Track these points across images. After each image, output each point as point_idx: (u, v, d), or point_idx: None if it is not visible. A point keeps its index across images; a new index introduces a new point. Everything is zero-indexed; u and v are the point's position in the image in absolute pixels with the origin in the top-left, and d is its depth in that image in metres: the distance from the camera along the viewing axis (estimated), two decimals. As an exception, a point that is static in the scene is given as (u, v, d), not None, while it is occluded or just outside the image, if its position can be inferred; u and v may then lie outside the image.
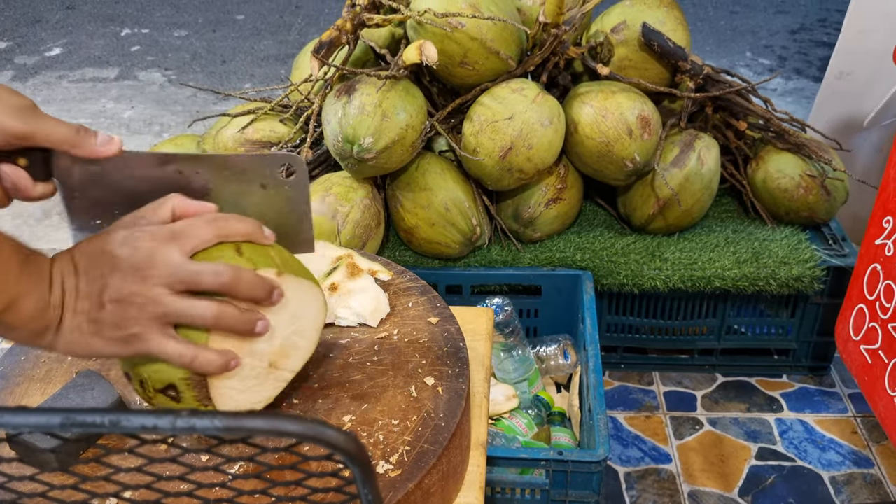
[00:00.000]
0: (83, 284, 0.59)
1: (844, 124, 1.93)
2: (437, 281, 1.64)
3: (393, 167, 1.53)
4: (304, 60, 1.74)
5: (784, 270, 1.61)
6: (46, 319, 0.58)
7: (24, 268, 0.57)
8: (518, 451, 1.26)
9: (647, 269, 1.63)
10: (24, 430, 0.34)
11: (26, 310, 0.57)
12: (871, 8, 1.78)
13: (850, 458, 1.59)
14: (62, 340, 0.60)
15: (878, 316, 1.37)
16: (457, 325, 0.84)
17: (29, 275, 0.57)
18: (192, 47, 3.66)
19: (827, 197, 1.67)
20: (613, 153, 1.56)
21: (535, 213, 1.65)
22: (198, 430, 0.33)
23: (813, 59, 3.38)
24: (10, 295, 0.55)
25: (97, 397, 0.71)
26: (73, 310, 0.59)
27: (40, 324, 0.58)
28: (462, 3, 1.47)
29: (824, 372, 1.81)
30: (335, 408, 0.72)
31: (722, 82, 1.67)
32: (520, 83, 1.56)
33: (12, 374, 0.78)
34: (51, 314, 0.58)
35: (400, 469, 0.65)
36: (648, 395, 1.76)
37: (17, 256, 0.56)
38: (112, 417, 0.33)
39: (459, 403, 0.73)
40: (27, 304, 0.57)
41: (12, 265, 0.56)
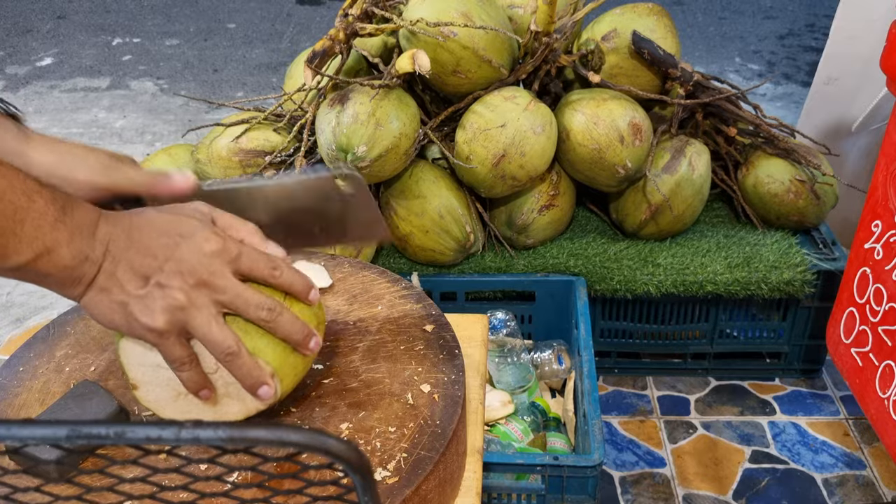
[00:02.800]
0: (133, 254, 0.60)
1: (833, 129, 1.95)
2: (431, 288, 1.65)
3: (387, 175, 1.54)
4: (297, 70, 1.75)
5: (775, 274, 1.63)
6: (80, 272, 0.59)
7: (62, 217, 0.57)
8: (514, 457, 1.26)
9: (639, 274, 1.65)
10: (30, 442, 0.34)
11: (61, 259, 0.58)
12: (859, 14, 1.80)
13: (842, 460, 1.60)
14: (88, 296, 0.61)
15: (868, 319, 1.39)
16: (452, 332, 0.84)
17: (67, 225, 0.58)
18: (184, 56, 3.67)
19: (816, 201, 1.69)
20: (605, 160, 1.57)
21: (529, 220, 1.66)
22: (202, 440, 0.34)
23: (801, 64, 3.41)
24: (44, 243, 0.56)
25: (96, 407, 0.71)
26: (110, 273, 0.60)
27: (73, 274, 0.59)
28: (454, 13, 1.48)
29: (816, 375, 1.82)
30: (332, 416, 0.73)
31: (712, 89, 1.69)
32: (512, 91, 1.57)
33: (11, 385, 0.78)
34: (86, 268, 0.59)
35: (397, 476, 0.66)
36: (642, 399, 1.77)
37: (53, 206, 0.57)
38: (117, 429, 0.34)
39: (456, 410, 0.73)
40: (63, 253, 0.58)
41: (48, 215, 0.57)
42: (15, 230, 0.55)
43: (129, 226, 0.61)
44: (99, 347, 0.83)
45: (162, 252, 0.60)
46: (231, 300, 0.62)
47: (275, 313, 0.64)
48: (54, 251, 0.57)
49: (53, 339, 0.84)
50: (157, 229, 0.62)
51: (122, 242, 0.60)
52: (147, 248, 0.60)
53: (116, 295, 0.60)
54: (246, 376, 0.64)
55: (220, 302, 0.62)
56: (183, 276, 0.60)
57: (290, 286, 0.66)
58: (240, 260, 0.63)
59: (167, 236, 0.61)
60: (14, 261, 0.56)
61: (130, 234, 0.61)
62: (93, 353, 0.82)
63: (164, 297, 0.60)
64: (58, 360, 0.81)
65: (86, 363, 0.80)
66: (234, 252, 0.63)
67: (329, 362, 0.79)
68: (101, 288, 0.60)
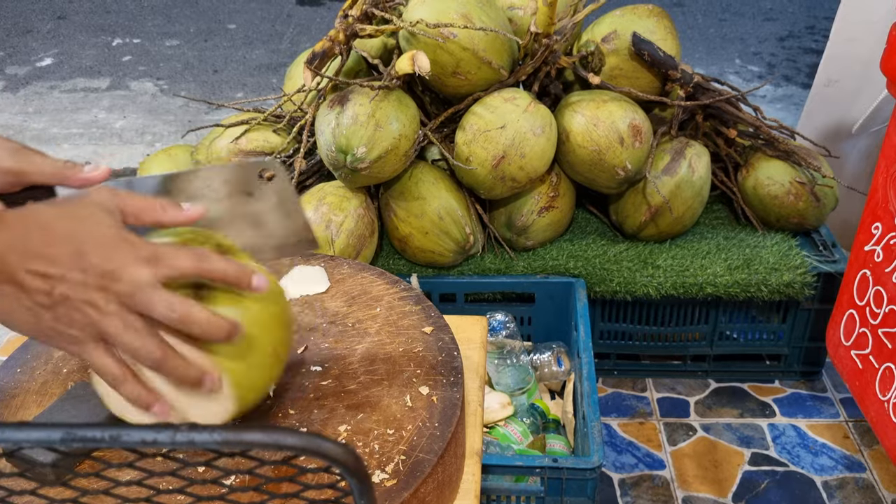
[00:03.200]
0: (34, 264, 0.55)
1: (833, 131, 1.95)
2: (430, 289, 1.65)
3: (386, 177, 1.54)
4: (296, 71, 1.75)
5: (775, 277, 1.63)
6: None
7: None
8: (513, 459, 1.26)
9: (639, 276, 1.64)
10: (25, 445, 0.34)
11: None
12: (859, 16, 1.80)
13: (842, 462, 1.60)
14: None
15: (868, 321, 1.38)
16: (451, 334, 0.84)
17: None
18: (184, 57, 3.67)
19: (816, 203, 1.69)
20: (605, 161, 1.57)
21: (528, 222, 1.65)
22: (197, 444, 0.34)
23: (801, 66, 3.41)
24: None
25: (93, 409, 0.71)
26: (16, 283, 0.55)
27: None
28: (454, 14, 1.48)
29: (816, 377, 1.82)
30: (331, 418, 0.72)
31: (712, 90, 1.69)
32: (512, 92, 1.57)
33: (8, 387, 0.78)
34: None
35: (395, 478, 0.66)
36: (642, 401, 1.77)
37: None
38: (112, 432, 0.34)
39: (455, 412, 0.73)
40: None
41: None
42: None
43: (25, 231, 0.56)
44: (97, 349, 0.82)
45: (65, 260, 0.56)
46: (136, 304, 0.57)
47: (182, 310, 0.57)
48: None
49: (51, 341, 0.84)
50: (58, 234, 0.57)
51: (19, 250, 0.56)
52: (48, 256, 0.56)
53: (26, 303, 0.56)
54: (183, 377, 0.59)
55: (127, 307, 0.57)
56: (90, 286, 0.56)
57: (224, 275, 0.60)
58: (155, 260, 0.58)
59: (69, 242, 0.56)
60: None
61: (28, 240, 0.56)
62: (91, 354, 0.82)
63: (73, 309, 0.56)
64: (55, 361, 0.81)
65: (83, 364, 0.80)
66: (147, 252, 0.58)
67: (327, 364, 0.79)
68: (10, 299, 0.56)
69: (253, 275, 0.61)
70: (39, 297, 0.56)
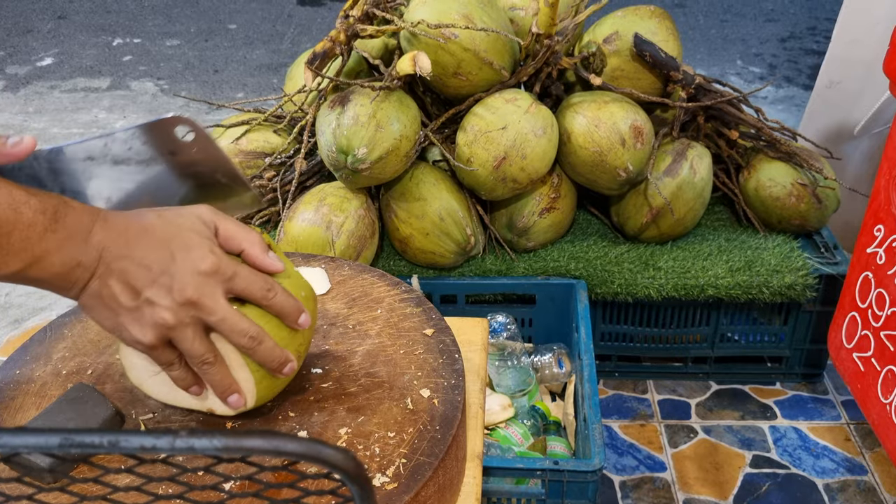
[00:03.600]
0: (128, 264, 0.61)
1: (835, 133, 1.95)
2: (431, 290, 1.64)
3: (387, 177, 1.54)
4: (297, 71, 1.75)
5: (777, 279, 1.62)
6: (73, 277, 0.60)
7: (52, 226, 0.58)
8: (514, 461, 1.26)
9: (640, 277, 1.64)
10: (22, 450, 0.34)
11: (52, 266, 0.59)
12: (861, 18, 1.79)
13: (843, 465, 1.59)
14: (83, 299, 0.62)
15: (870, 324, 1.38)
16: (452, 336, 0.84)
17: (57, 233, 0.58)
18: (185, 57, 3.66)
19: (818, 205, 1.68)
20: (606, 163, 1.57)
21: (529, 223, 1.65)
22: (196, 450, 0.33)
23: (803, 68, 3.41)
24: (32, 253, 0.58)
25: (92, 411, 0.70)
26: (103, 281, 0.61)
27: (67, 280, 0.60)
28: (455, 15, 1.48)
29: (817, 379, 1.81)
30: (331, 420, 0.72)
31: (713, 92, 1.68)
32: (513, 93, 1.56)
33: (7, 388, 0.77)
34: (79, 273, 0.60)
35: (396, 482, 0.65)
36: (643, 403, 1.77)
37: (43, 216, 0.58)
38: (111, 438, 0.33)
39: (455, 415, 0.73)
40: (54, 260, 0.59)
41: (36, 225, 0.57)
42: (2, 243, 0.56)
43: (125, 231, 0.61)
44: (96, 350, 0.82)
45: (156, 265, 0.61)
46: (216, 323, 0.63)
47: (255, 342, 0.65)
48: (44, 259, 0.58)
49: (50, 342, 0.84)
50: (154, 239, 0.62)
51: (116, 250, 0.61)
52: (141, 259, 0.61)
53: (108, 302, 0.62)
54: (218, 384, 0.66)
55: (205, 322, 0.63)
56: (172, 295, 0.61)
57: (281, 310, 0.67)
58: (234, 280, 0.64)
59: (164, 248, 0.62)
60: (4, 270, 0.58)
61: (126, 241, 0.61)
62: (90, 355, 0.81)
63: (154, 314, 0.61)
64: (55, 362, 0.81)
65: (83, 366, 0.80)
66: (230, 272, 0.63)
67: (328, 366, 0.79)
68: (94, 293, 0.61)
69: (302, 314, 0.68)
70: (124, 297, 0.61)
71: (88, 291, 0.61)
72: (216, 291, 0.63)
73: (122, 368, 0.79)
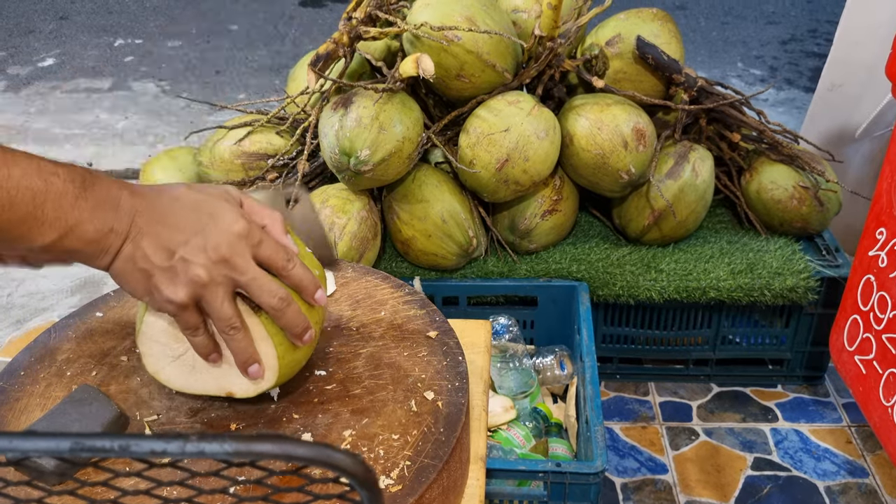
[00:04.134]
0: (160, 228, 0.62)
1: (836, 135, 1.95)
2: (433, 292, 1.65)
3: (390, 179, 1.54)
4: (300, 73, 1.75)
5: (778, 281, 1.62)
6: (106, 244, 0.61)
7: (82, 194, 0.59)
8: (516, 463, 1.26)
9: (642, 280, 1.64)
10: (33, 454, 0.34)
11: (86, 233, 0.59)
12: (863, 21, 1.80)
13: (844, 467, 1.59)
14: (115, 266, 0.62)
15: (872, 327, 1.38)
16: (456, 338, 0.84)
17: (88, 200, 0.59)
18: (186, 57, 3.67)
19: (820, 208, 1.69)
20: (609, 165, 1.57)
21: (531, 225, 1.65)
22: (207, 454, 0.34)
23: (804, 70, 3.41)
24: (66, 221, 0.58)
25: (96, 412, 0.71)
26: (136, 244, 0.61)
27: (100, 246, 0.61)
28: (458, 17, 1.48)
29: (819, 382, 1.81)
30: (335, 422, 0.72)
31: (716, 94, 1.69)
32: (516, 96, 1.57)
33: (12, 390, 0.77)
34: (112, 239, 0.61)
35: (401, 484, 0.65)
36: (644, 405, 1.77)
37: (72, 185, 0.59)
38: (122, 442, 0.34)
39: (459, 418, 0.73)
40: (87, 228, 0.59)
41: (67, 194, 0.58)
42: (36, 214, 0.57)
43: (157, 199, 0.63)
44: (100, 352, 0.82)
45: (189, 227, 0.62)
46: (248, 282, 0.64)
47: (285, 303, 0.66)
48: (78, 227, 0.59)
49: (55, 343, 0.84)
50: (186, 205, 0.63)
51: (148, 215, 0.62)
52: (174, 222, 0.62)
53: (141, 264, 0.62)
54: (242, 351, 0.67)
55: (237, 282, 0.64)
56: (207, 253, 0.62)
57: (300, 282, 0.68)
58: (261, 246, 0.65)
59: (195, 213, 0.63)
60: (40, 241, 0.58)
61: (159, 207, 0.62)
62: (94, 357, 0.81)
63: (188, 271, 0.62)
64: (59, 364, 0.81)
65: (87, 367, 0.80)
66: (257, 238, 0.65)
67: (332, 368, 0.79)
68: (127, 258, 0.62)
69: (318, 288, 0.69)
70: (157, 258, 0.62)
71: (122, 256, 0.62)
72: (246, 253, 0.64)
73: (126, 370, 0.79)
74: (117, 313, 0.88)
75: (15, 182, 0.56)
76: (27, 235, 0.57)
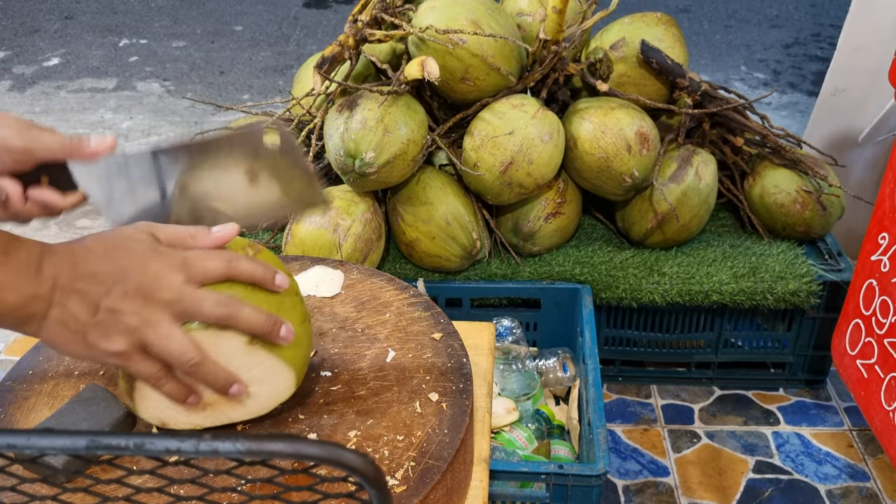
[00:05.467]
0: (80, 284, 0.60)
1: (839, 140, 1.95)
2: (436, 294, 1.65)
3: (394, 181, 1.55)
4: (305, 75, 1.76)
5: (781, 285, 1.63)
6: (30, 310, 0.59)
7: (3, 260, 0.58)
8: (519, 465, 1.26)
9: (645, 283, 1.65)
10: (50, 452, 0.35)
11: (8, 300, 0.58)
12: (867, 26, 1.80)
13: (846, 471, 1.60)
14: (46, 331, 0.61)
15: (874, 331, 1.39)
16: (460, 340, 0.85)
17: (9, 267, 0.58)
18: (191, 58, 3.68)
19: (823, 212, 1.69)
20: (612, 168, 1.57)
21: (535, 227, 1.66)
22: (220, 453, 0.34)
23: (807, 74, 3.41)
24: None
25: (104, 411, 0.71)
26: (63, 305, 0.60)
27: (24, 313, 0.59)
28: (463, 20, 1.49)
29: (820, 385, 1.82)
30: (340, 423, 0.73)
31: (719, 98, 1.69)
32: (520, 99, 1.57)
33: (20, 388, 0.78)
34: (36, 305, 0.59)
35: (405, 484, 0.66)
36: (646, 408, 1.77)
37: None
38: (136, 440, 0.34)
39: (464, 419, 0.74)
40: (8, 295, 0.58)
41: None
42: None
43: (72, 255, 0.61)
44: (108, 351, 0.83)
45: (108, 276, 0.60)
46: (183, 309, 0.62)
47: (231, 307, 0.63)
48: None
49: (63, 343, 0.85)
50: (99, 255, 0.61)
51: (67, 273, 0.60)
52: (93, 275, 0.60)
53: (72, 325, 0.60)
54: (214, 380, 0.65)
55: (173, 313, 0.62)
56: (130, 297, 0.60)
57: (252, 275, 0.65)
58: (186, 266, 0.62)
59: (109, 260, 0.61)
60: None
61: (75, 263, 0.60)
62: (102, 357, 0.82)
63: (117, 321, 0.60)
64: (67, 363, 0.81)
65: (94, 367, 0.81)
66: (178, 260, 0.62)
67: (337, 369, 0.80)
68: (56, 321, 0.60)
69: (276, 274, 0.66)
70: (85, 315, 0.60)
71: (49, 321, 0.60)
72: (172, 281, 0.61)
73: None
74: (124, 313, 0.89)
75: None
76: None
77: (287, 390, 0.71)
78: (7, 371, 0.81)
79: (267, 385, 0.69)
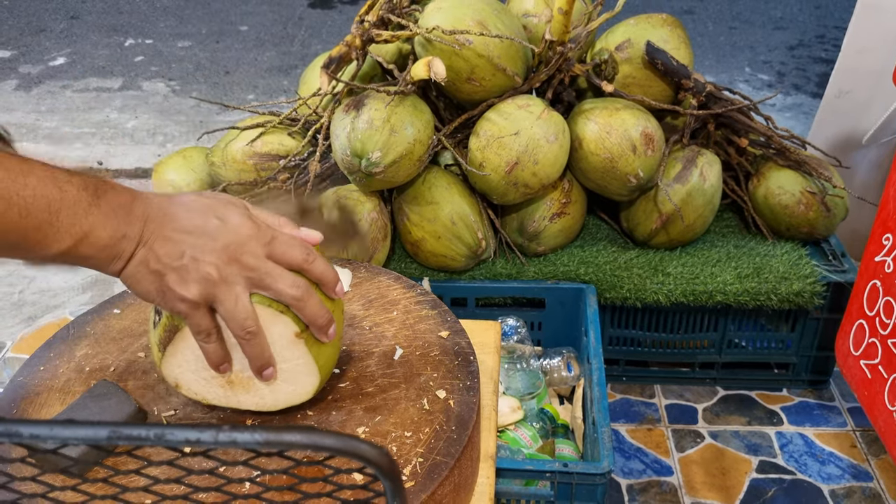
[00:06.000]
0: (168, 230, 0.63)
1: (844, 141, 1.96)
2: (442, 293, 1.66)
3: (400, 181, 1.55)
4: (311, 75, 1.77)
5: (785, 286, 1.63)
6: (119, 249, 0.62)
7: (95, 201, 0.60)
8: (524, 463, 1.27)
9: (649, 283, 1.65)
10: (72, 442, 0.35)
11: (99, 240, 0.61)
12: (871, 27, 1.81)
13: (849, 471, 1.60)
14: (127, 270, 0.63)
15: (877, 332, 1.39)
16: (467, 338, 0.85)
17: (101, 207, 0.61)
18: (196, 58, 3.69)
19: (827, 213, 1.70)
20: (617, 169, 1.58)
21: (540, 227, 1.66)
22: (239, 443, 0.35)
23: (811, 75, 3.42)
24: (81, 228, 0.60)
25: (115, 407, 0.72)
26: (148, 247, 0.63)
27: (113, 252, 0.62)
28: (470, 21, 1.50)
29: (824, 386, 1.82)
30: (349, 419, 0.74)
31: (724, 99, 1.70)
32: (525, 99, 1.58)
33: (32, 384, 0.79)
34: (125, 245, 0.62)
35: (413, 480, 0.67)
36: (650, 407, 1.78)
37: (86, 192, 0.60)
38: (157, 431, 0.35)
39: (471, 416, 0.74)
40: (101, 234, 0.61)
41: (81, 201, 0.60)
42: (52, 221, 0.58)
43: (166, 205, 0.64)
44: (118, 348, 0.84)
45: (199, 229, 0.63)
46: (261, 278, 0.65)
47: (306, 293, 0.66)
48: (92, 234, 0.60)
49: (73, 340, 0.85)
50: (194, 210, 0.64)
51: (159, 220, 0.63)
52: (184, 226, 0.63)
53: (153, 266, 0.63)
54: (257, 356, 0.67)
55: (250, 279, 0.65)
56: (217, 252, 0.63)
57: (321, 276, 0.68)
58: (273, 244, 0.65)
59: (204, 216, 0.64)
60: (56, 248, 0.59)
61: (169, 212, 0.64)
62: (112, 353, 0.83)
63: (198, 269, 0.63)
64: (78, 359, 0.82)
65: (105, 363, 0.82)
66: (269, 236, 0.65)
67: (345, 367, 0.80)
68: (139, 261, 0.63)
69: (339, 283, 0.70)
70: (169, 258, 0.63)
71: (134, 261, 0.63)
72: (258, 251, 0.64)
73: (144, 366, 0.81)
74: (135, 310, 0.90)
75: (31, 191, 0.57)
76: (43, 242, 0.58)
77: (305, 394, 0.72)
78: (14, 368, 0.82)
79: (290, 384, 0.71)
